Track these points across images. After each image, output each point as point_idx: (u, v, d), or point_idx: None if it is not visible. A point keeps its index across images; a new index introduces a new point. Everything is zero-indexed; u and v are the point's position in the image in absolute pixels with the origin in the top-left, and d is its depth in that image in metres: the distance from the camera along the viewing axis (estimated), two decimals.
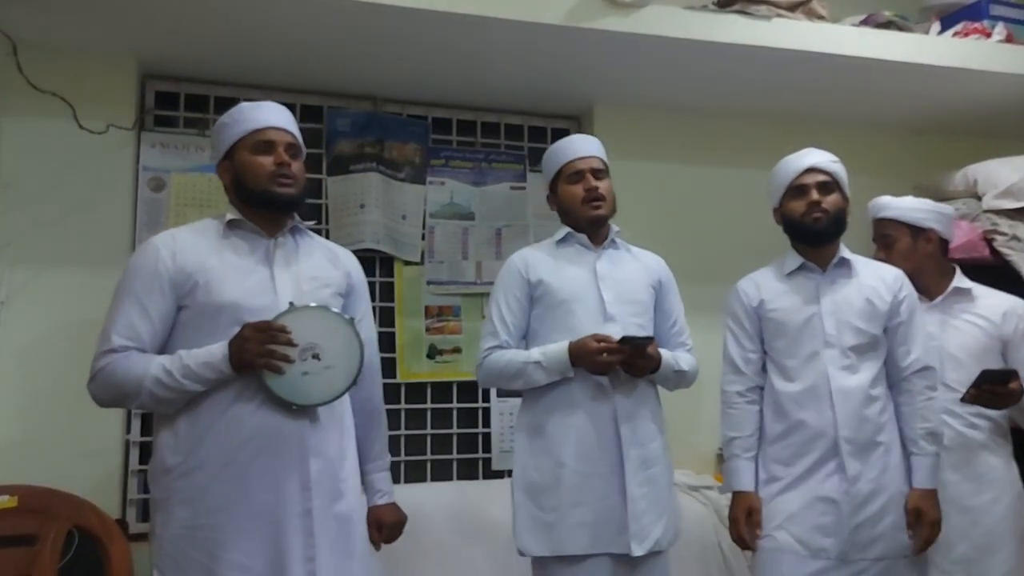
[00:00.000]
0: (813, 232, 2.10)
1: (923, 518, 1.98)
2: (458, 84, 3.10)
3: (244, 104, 1.89)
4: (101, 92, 2.75)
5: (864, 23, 3.10)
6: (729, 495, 2.13)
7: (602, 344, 1.93)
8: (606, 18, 2.69)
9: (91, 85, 2.73)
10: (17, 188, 2.65)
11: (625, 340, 1.94)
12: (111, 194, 2.76)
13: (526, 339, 2.12)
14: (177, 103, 3.00)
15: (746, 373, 2.14)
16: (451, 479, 3.10)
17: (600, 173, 2.13)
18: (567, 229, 2.15)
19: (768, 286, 2.16)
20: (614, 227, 2.17)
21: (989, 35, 3.19)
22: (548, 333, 2.06)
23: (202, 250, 1.78)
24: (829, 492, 1.98)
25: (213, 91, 3.03)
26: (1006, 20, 3.26)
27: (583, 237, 2.13)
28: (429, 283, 3.14)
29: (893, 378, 2.09)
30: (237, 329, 1.69)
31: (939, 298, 2.34)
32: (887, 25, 3.11)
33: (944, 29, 3.27)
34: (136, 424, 2.77)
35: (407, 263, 3.13)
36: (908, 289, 2.14)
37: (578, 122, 3.44)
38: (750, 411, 2.12)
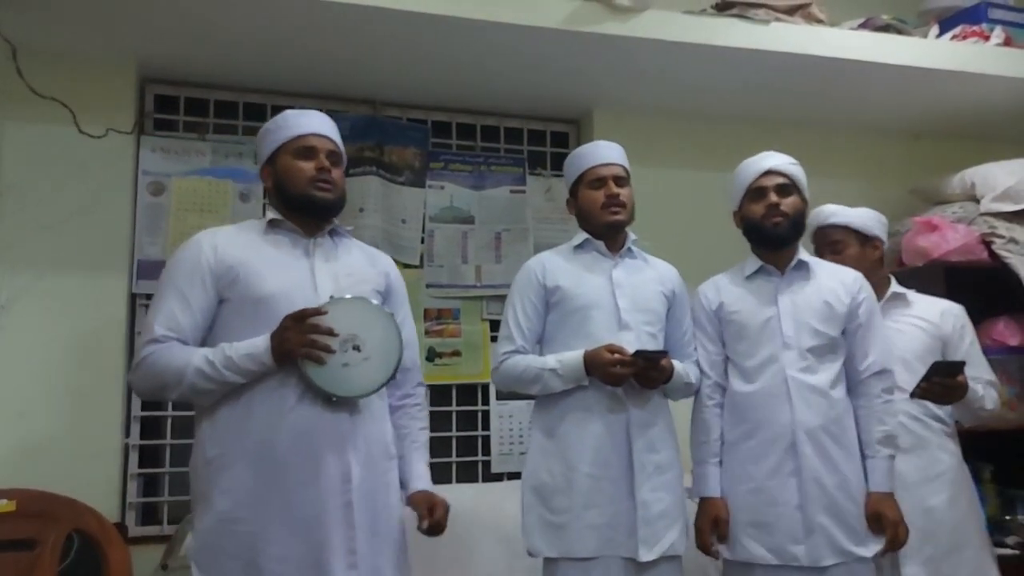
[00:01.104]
0: (772, 235, 2.11)
1: (884, 520, 1.98)
2: (458, 88, 3.11)
3: (289, 111, 1.93)
4: (101, 96, 2.76)
5: (862, 27, 3.11)
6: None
7: (615, 356, 1.94)
8: (605, 22, 2.69)
9: (91, 89, 2.74)
10: (17, 192, 2.65)
11: (639, 354, 1.95)
12: (111, 198, 2.76)
13: (541, 344, 2.14)
14: (177, 107, 3.00)
15: (711, 376, 2.15)
16: (451, 482, 3.10)
17: (622, 181, 2.14)
18: (585, 235, 2.16)
19: (728, 289, 2.18)
20: (631, 235, 2.18)
21: (987, 38, 3.19)
22: (564, 339, 2.07)
23: (244, 245, 1.82)
24: (792, 497, 1.99)
25: (213, 95, 3.03)
26: (1004, 24, 3.27)
27: (600, 244, 2.14)
28: (428, 286, 3.15)
29: (851, 380, 2.09)
30: (277, 321, 1.72)
31: (879, 303, 2.34)
32: (885, 29, 3.12)
33: (942, 32, 3.28)
34: (135, 428, 2.77)
35: (406, 266, 3.12)
36: (867, 292, 2.14)
37: (577, 126, 3.44)
38: (716, 414, 2.14)
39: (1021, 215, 3.15)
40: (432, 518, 1.87)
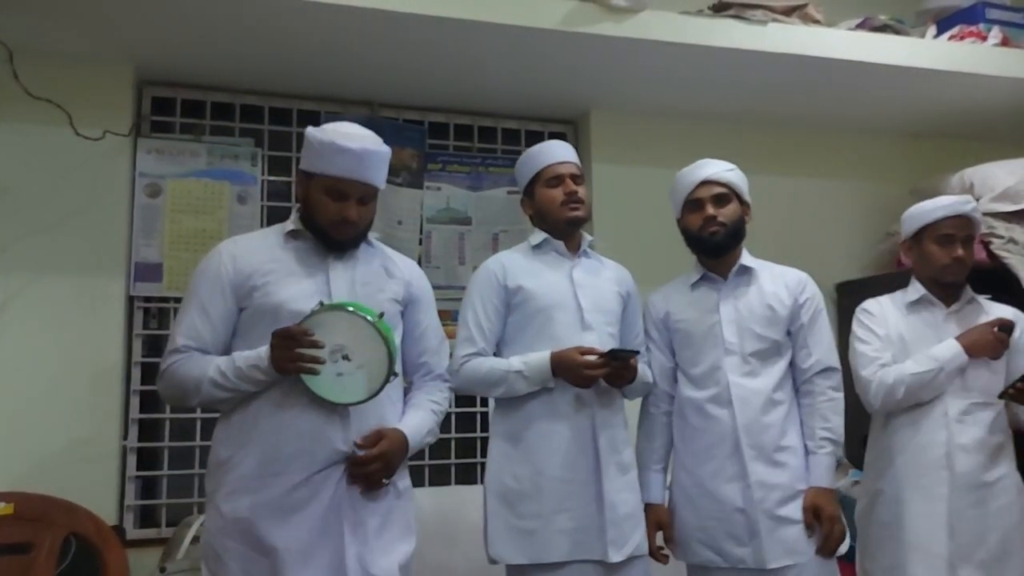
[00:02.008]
0: (710, 245, 2.13)
1: (821, 514, 1.98)
2: (455, 89, 3.10)
3: (338, 143, 1.81)
4: (97, 98, 2.75)
5: (860, 27, 3.10)
6: None
7: (587, 359, 1.94)
8: (602, 23, 2.69)
9: (87, 91, 2.73)
10: (13, 195, 2.64)
11: (613, 353, 1.94)
12: (107, 200, 2.76)
13: (499, 345, 2.11)
14: (174, 109, 3.00)
15: (660, 384, 2.18)
16: (449, 484, 3.10)
17: (578, 179, 2.14)
18: (543, 235, 2.15)
19: (674, 298, 2.20)
20: (587, 236, 2.19)
21: (985, 39, 3.19)
22: (527, 341, 2.05)
23: (262, 254, 1.85)
24: (736, 500, 2.00)
25: (210, 96, 3.03)
26: (1002, 24, 3.27)
27: (560, 244, 2.13)
28: None
29: (797, 380, 2.11)
30: None
31: (956, 304, 2.33)
32: (883, 29, 3.12)
33: (940, 33, 3.28)
34: (133, 431, 2.77)
35: None
36: (811, 292, 2.16)
37: (574, 126, 3.44)
38: (663, 422, 2.17)
39: (1020, 215, 3.15)
40: (370, 451, 1.77)
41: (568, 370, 1.95)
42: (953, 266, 2.27)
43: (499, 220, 3.26)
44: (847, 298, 3.27)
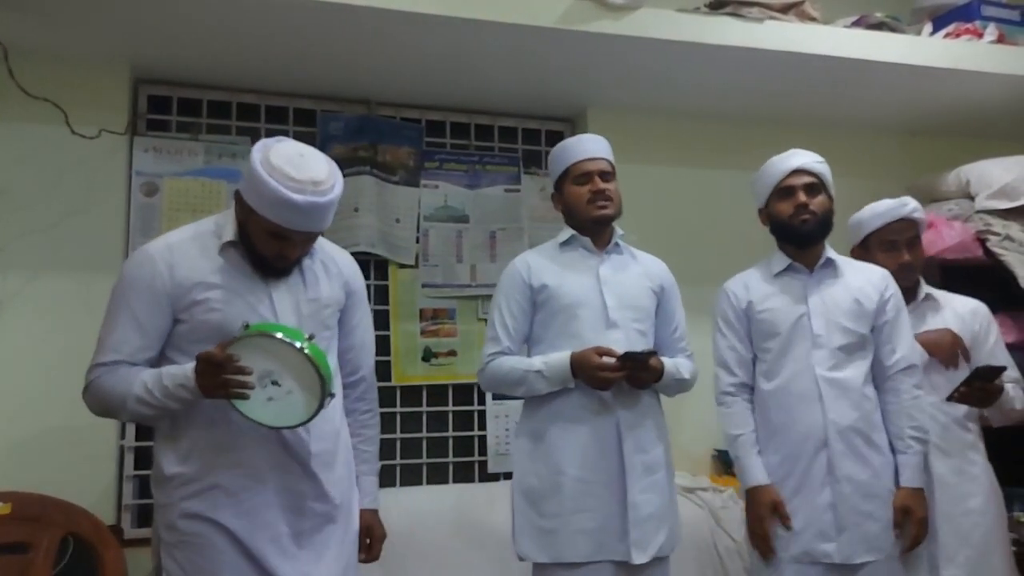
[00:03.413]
0: (801, 234, 2.11)
1: (911, 516, 1.99)
2: (452, 87, 3.10)
3: (284, 195, 1.62)
4: (93, 97, 2.75)
5: (856, 24, 3.11)
6: (727, 497, 2.12)
7: (602, 361, 1.92)
8: (599, 21, 2.69)
9: (83, 90, 2.73)
10: (10, 194, 2.64)
11: (627, 356, 1.92)
12: (104, 199, 2.75)
13: (527, 343, 2.11)
14: (170, 107, 2.99)
15: (738, 374, 2.14)
16: (447, 482, 3.10)
17: (608, 176, 2.11)
18: (571, 231, 2.13)
19: (756, 287, 2.16)
20: (618, 230, 2.15)
21: (981, 35, 3.20)
22: (551, 339, 2.04)
23: (201, 265, 1.72)
24: (824, 495, 1.99)
25: (206, 95, 3.02)
26: (998, 20, 3.27)
27: (587, 240, 2.11)
28: (424, 286, 3.14)
29: (879, 377, 2.09)
30: None
31: (912, 304, 2.34)
32: (879, 26, 3.12)
33: (936, 30, 3.29)
34: (131, 430, 2.76)
35: (401, 266, 3.13)
36: (894, 288, 2.15)
37: (572, 124, 3.44)
38: (747, 408, 2.12)
39: (1016, 212, 3.15)
40: (369, 554, 1.92)
41: (585, 371, 1.94)
42: (901, 272, 2.28)
43: (496, 218, 3.26)
44: None
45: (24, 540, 2.35)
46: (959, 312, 2.34)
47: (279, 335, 1.63)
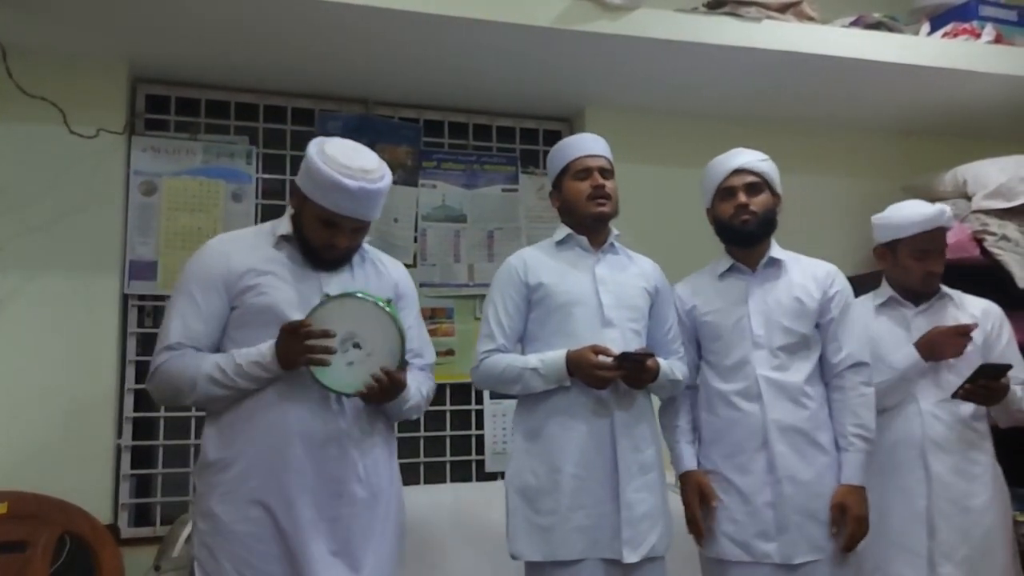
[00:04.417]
0: (742, 234, 2.11)
1: (847, 513, 1.97)
2: (450, 87, 3.10)
3: (337, 180, 1.74)
4: (91, 96, 2.74)
5: (854, 24, 3.11)
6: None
7: (599, 360, 1.92)
8: (597, 21, 2.69)
9: (81, 89, 2.73)
10: (7, 193, 2.64)
11: (624, 356, 1.92)
12: (102, 199, 2.75)
13: (522, 342, 2.11)
14: (168, 107, 2.99)
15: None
16: (444, 481, 3.10)
17: (607, 173, 2.11)
18: (567, 230, 2.13)
19: (701, 289, 2.18)
20: (614, 230, 2.16)
21: (978, 36, 3.20)
22: (546, 337, 2.04)
23: (255, 254, 1.83)
24: (764, 495, 1.99)
25: (204, 94, 3.02)
26: (995, 21, 3.27)
27: (583, 239, 2.11)
28: (422, 285, 3.14)
29: (827, 375, 2.09)
30: None
31: (925, 304, 2.35)
32: (877, 26, 3.12)
33: (934, 30, 3.29)
34: (128, 429, 2.76)
35: None
36: (840, 285, 2.14)
37: (570, 124, 3.44)
38: (684, 404, 2.15)
39: (1013, 212, 3.16)
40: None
41: (581, 370, 1.94)
42: (928, 279, 2.30)
43: (494, 218, 3.26)
44: None
45: (21, 539, 2.36)
46: (972, 311, 2.34)
47: (359, 295, 1.75)
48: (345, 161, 1.77)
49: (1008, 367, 2.15)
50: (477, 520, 2.61)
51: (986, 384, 2.13)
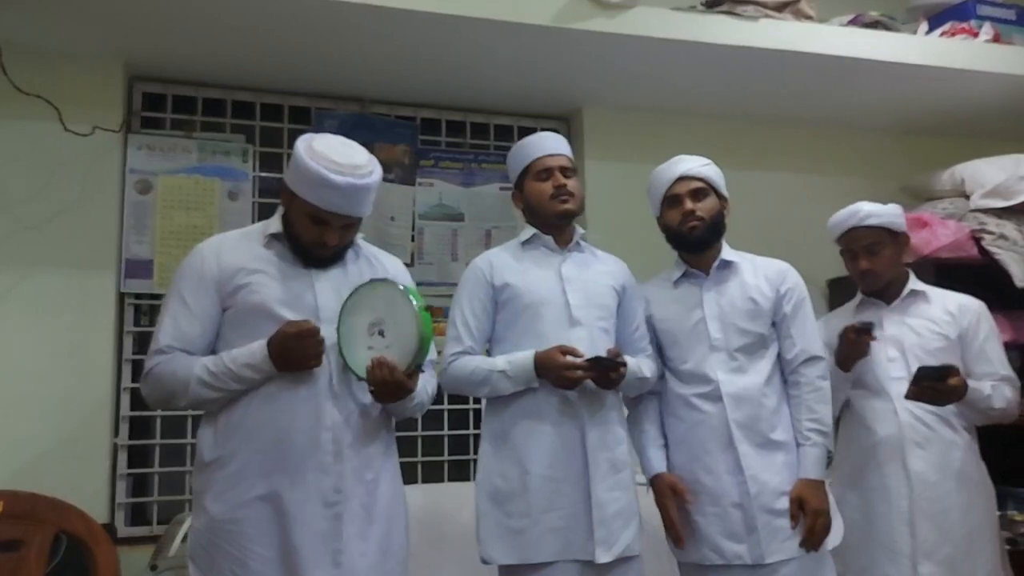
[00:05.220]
0: (691, 240, 2.12)
1: (806, 507, 1.97)
2: (447, 85, 3.10)
3: (325, 176, 1.72)
4: (87, 94, 2.74)
5: (851, 23, 3.11)
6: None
7: (568, 360, 1.91)
8: (594, 19, 2.69)
9: (77, 87, 2.72)
10: (2, 191, 2.63)
11: (598, 361, 1.91)
12: (97, 197, 2.74)
13: (490, 343, 2.09)
14: (164, 105, 2.99)
15: None
16: (442, 480, 3.10)
17: (568, 171, 2.10)
18: (532, 230, 2.12)
19: (657, 296, 2.18)
20: (579, 229, 2.15)
21: (976, 35, 3.20)
22: (514, 338, 2.02)
23: (246, 253, 1.82)
24: (731, 496, 1.99)
25: (201, 92, 3.02)
26: (993, 20, 3.27)
27: (549, 239, 2.10)
28: (419, 284, 3.09)
29: (785, 371, 2.10)
30: (277, 328, 1.73)
31: (897, 300, 2.35)
32: (874, 25, 3.12)
33: (931, 29, 3.29)
34: (124, 428, 2.76)
35: None
36: (792, 282, 2.14)
37: (567, 122, 3.44)
38: (650, 407, 2.15)
39: (1010, 211, 3.16)
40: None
41: (549, 371, 1.92)
42: (865, 277, 2.33)
43: (491, 216, 3.25)
44: (839, 294, 3.27)
45: (16, 538, 2.35)
46: (948, 308, 2.34)
47: (402, 287, 1.76)
48: (334, 157, 1.75)
49: (947, 369, 2.14)
50: (446, 522, 2.59)
51: (931, 386, 2.13)
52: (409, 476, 3.05)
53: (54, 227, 2.67)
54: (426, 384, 1.93)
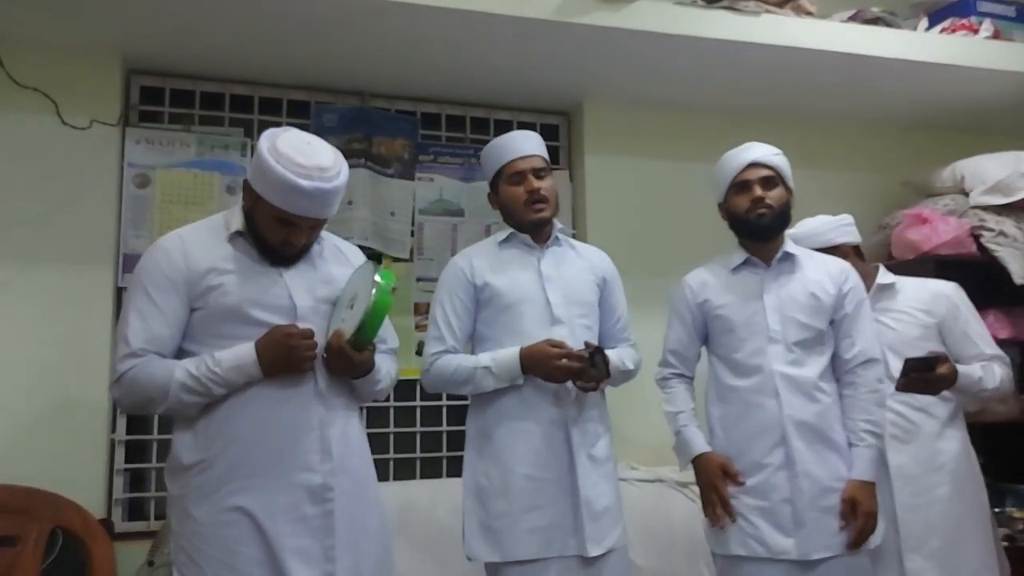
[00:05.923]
0: (757, 228, 2.09)
1: (857, 508, 1.96)
2: (447, 79, 3.08)
3: (291, 181, 1.66)
4: (85, 88, 2.72)
5: (852, 19, 3.11)
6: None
7: (560, 350, 1.90)
8: (595, 13, 2.68)
9: (75, 81, 2.71)
10: (0, 185, 2.61)
11: (593, 359, 1.90)
12: (95, 191, 2.73)
13: (472, 342, 2.08)
14: (163, 98, 2.97)
15: (676, 364, 2.17)
16: (440, 476, 3.09)
17: (542, 172, 2.07)
18: (509, 230, 2.11)
19: (713, 282, 2.15)
20: (557, 224, 2.13)
21: (976, 31, 3.20)
22: (496, 337, 2.02)
23: (215, 252, 1.75)
24: (782, 491, 1.97)
25: (199, 86, 3.00)
26: (993, 16, 3.27)
27: (526, 237, 2.09)
28: (418, 280, 3.13)
29: (839, 371, 2.08)
30: (252, 330, 1.70)
31: (869, 293, 2.33)
32: (875, 21, 3.12)
33: (932, 25, 3.28)
34: (121, 422, 2.75)
35: (396, 260, 3.11)
36: (854, 281, 2.13)
37: (567, 117, 3.43)
38: (687, 390, 2.15)
39: (1011, 208, 3.16)
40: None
41: (539, 364, 1.91)
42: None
43: (491, 212, 3.18)
44: None
45: (12, 533, 2.34)
46: (921, 297, 2.33)
47: (378, 277, 1.71)
48: (299, 159, 1.67)
49: (934, 359, 2.14)
50: (423, 518, 2.58)
51: (920, 376, 2.13)
52: (408, 471, 3.06)
53: (51, 221, 2.65)
54: (389, 369, 1.91)
